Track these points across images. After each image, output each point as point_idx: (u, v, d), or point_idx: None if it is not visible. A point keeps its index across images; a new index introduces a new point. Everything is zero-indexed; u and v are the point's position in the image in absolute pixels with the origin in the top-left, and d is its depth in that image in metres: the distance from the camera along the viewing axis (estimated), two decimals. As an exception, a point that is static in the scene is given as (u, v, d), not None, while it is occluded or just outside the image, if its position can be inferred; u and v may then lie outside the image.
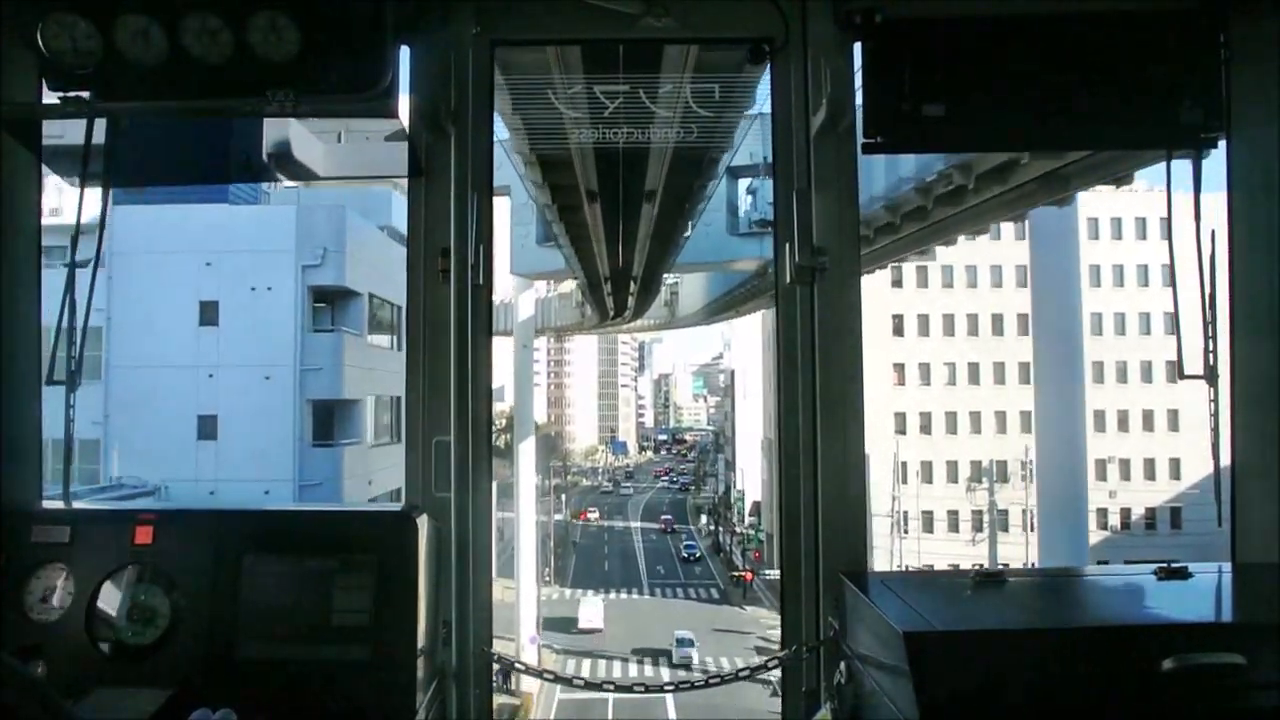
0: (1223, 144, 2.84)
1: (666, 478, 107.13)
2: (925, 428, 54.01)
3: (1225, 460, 2.85)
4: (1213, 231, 2.82)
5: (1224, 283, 2.85)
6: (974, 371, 54.69)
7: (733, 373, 74.67)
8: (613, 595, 50.23)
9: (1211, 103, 2.77)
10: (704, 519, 74.51)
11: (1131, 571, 2.65)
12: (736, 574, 53.05)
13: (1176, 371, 2.85)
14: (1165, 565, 2.52)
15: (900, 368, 53.87)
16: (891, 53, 2.80)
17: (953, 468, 53.37)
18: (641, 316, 44.16)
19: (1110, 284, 51.03)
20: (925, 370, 54.72)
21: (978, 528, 51.26)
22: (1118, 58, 2.79)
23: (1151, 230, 49.46)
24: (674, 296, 45.09)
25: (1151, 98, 2.79)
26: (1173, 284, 2.87)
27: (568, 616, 43.77)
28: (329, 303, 25.52)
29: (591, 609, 45.13)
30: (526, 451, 42.59)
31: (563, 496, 75.84)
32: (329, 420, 24.61)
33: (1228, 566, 2.79)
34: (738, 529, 60.49)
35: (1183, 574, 2.48)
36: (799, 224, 2.87)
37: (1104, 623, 2.32)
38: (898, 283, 53.07)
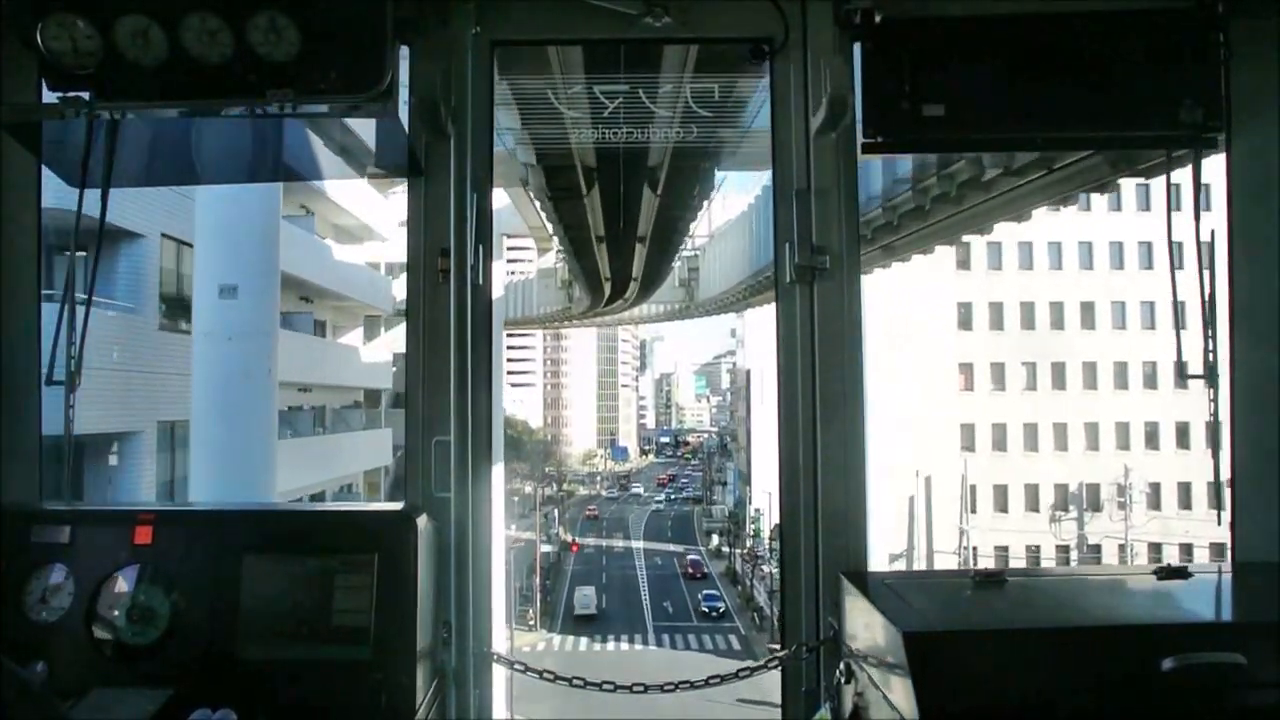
0: (1223, 144, 2.84)
1: (670, 486, 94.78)
2: (999, 443, 43.43)
3: (1225, 460, 2.86)
4: (1212, 231, 2.82)
5: (1224, 282, 2.86)
6: (1058, 373, 43.78)
7: (748, 373, 62.09)
8: (610, 645, 40.62)
9: (1211, 102, 2.76)
10: (715, 539, 61.90)
11: (1131, 571, 2.65)
12: (773, 648, 42.80)
13: (1176, 372, 2.84)
14: (1165, 565, 2.52)
15: (968, 369, 43.59)
16: (891, 52, 2.79)
17: (1033, 493, 42.84)
18: (646, 300, 36.60)
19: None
20: (999, 372, 43.85)
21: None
22: (1117, 57, 2.79)
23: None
24: (693, 275, 35.96)
25: (1151, 98, 2.79)
26: (1173, 284, 2.87)
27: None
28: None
29: (585, 596, 45.95)
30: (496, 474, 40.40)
31: (556, 511, 65.98)
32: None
33: (1227, 566, 2.79)
34: (760, 558, 47.48)
35: (1182, 574, 2.48)
36: (799, 224, 2.88)
37: (1104, 622, 2.32)
38: (964, 264, 42.68)
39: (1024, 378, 43.42)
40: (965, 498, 39.73)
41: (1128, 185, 28.19)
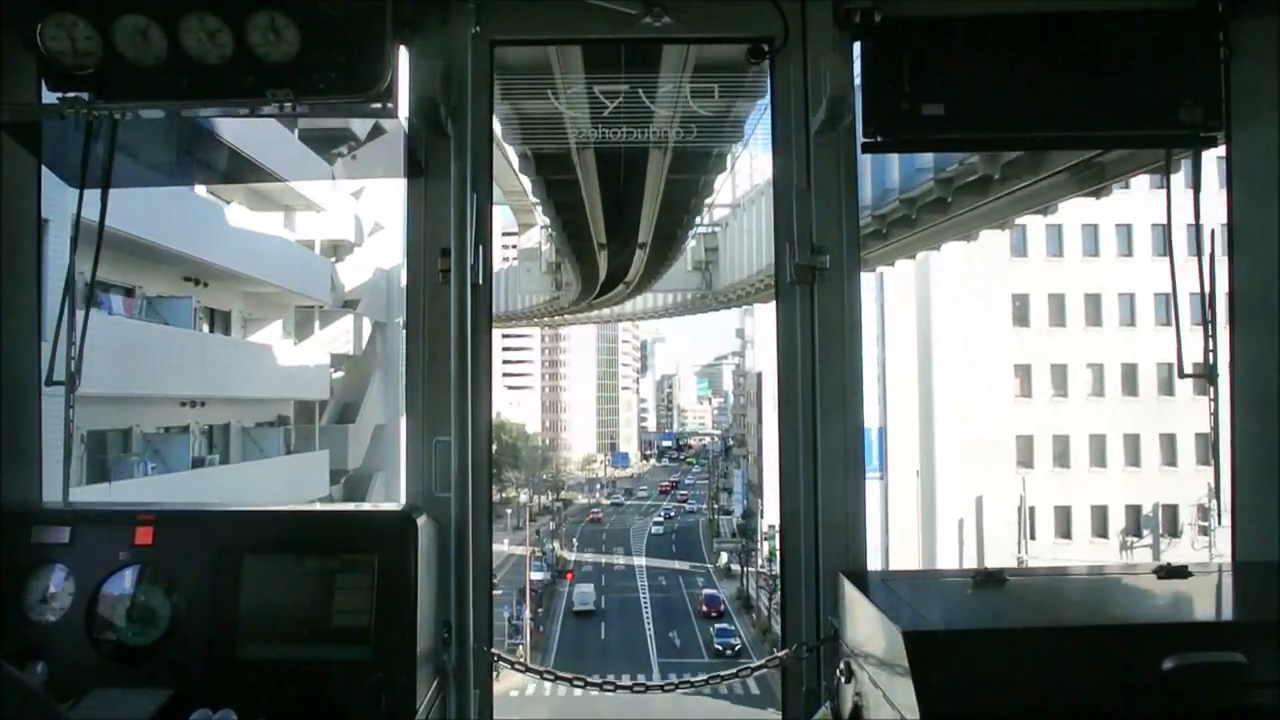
0: (1223, 143, 2.84)
1: (673, 493, 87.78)
2: (1062, 458, 36.01)
3: (1225, 459, 2.85)
4: (1212, 231, 2.82)
5: (1224, 281, 2.86)
6: (1129, 376, 35.93)
7: (759, 377, 55.59)
8: (610, 693, 34.19)
9: (1211, 101, 2.77)
10: (724, 557, 55.20)
11: (1132, 571, 2.65)
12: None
13: (1176, 371, 2.85)
14: (1165, 564, 2.52)
15: (1025, 371, 36.34)
16: (891, 52, 2.80)
17: (1100, 515, 35.62)
18: (651, 287, 30.88)
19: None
20: (1061, 375, 36.36)
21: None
22: (1117, 57, 2.80)
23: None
24: (711, 256, 27.87)
25: (1151, 97, 2.79)
26: (1172, 283, 2.87)
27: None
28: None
29: (584, 593, 45.83)
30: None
31: (552, 525, 61.36)
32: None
33: (1228, 566, 2.79)
34: (778, 579, 35.08)
35: (1183, 573, 2.48)
36: (799, 223, 2.88)
37: (1105, 622, 2.32)
38: (1020, 251, 36.01)
39: (1089, 382, 36.05)
40: (1024, 522, 33.69)
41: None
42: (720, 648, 38.89)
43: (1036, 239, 35.83)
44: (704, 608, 45.57)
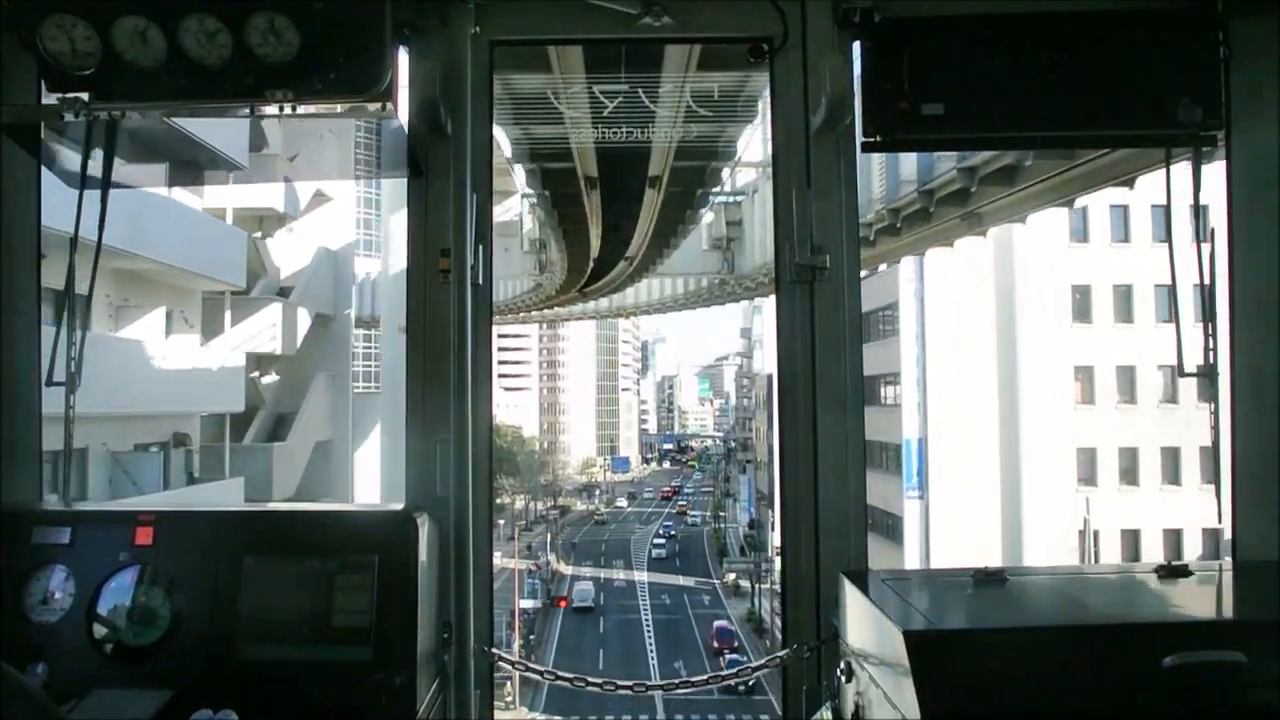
0: (1222, 143, 2.84)
1: (674, 500, 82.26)
2: (1129, 474, 30.87)
3: (1225, 459, 2.85)
4: (1212, 230, 2.82)
5: (1224, 281, 2.86)
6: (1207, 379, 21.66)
7: (769, 378, 47.68)
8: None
9: (1211, 101, 2.77)
10: (731, 576, 51.42)
11: (1132, 570, 2.65)
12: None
13: (1177, 370, 2.85)
14: (1166, 563, 2.52)
15: (1087, 374, 30.98)
16: (891, 52, 2.80)
17: (1173, 540, 29.59)
18: (655, 269, 25.53)
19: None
20: (1128, 378, 30.87)
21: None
22: (1117, 57, 2.80)
23: None
24: (734, 232, 22.38)
25: (1151, 97, 2.79)
26: (1172, 283, 2.87)
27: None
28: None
29: (583, 590, 45.47)
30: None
31: (548, 537, 57.71)
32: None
33: (1228, 565, 2.79)
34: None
35: (1183, 572, 2.48)
36: (799, 223, 2.88)
37: (1105, 621, 2.32)
38: (1081, 235, 30.88)
39: (1161, 386, 30.06)
40: (1089, 548, 28.53)
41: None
42: (734, 685, 33.63)
43: (1100, 221, 30.61)
44: (715, 643, 40.52)
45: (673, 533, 65.88)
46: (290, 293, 24.89)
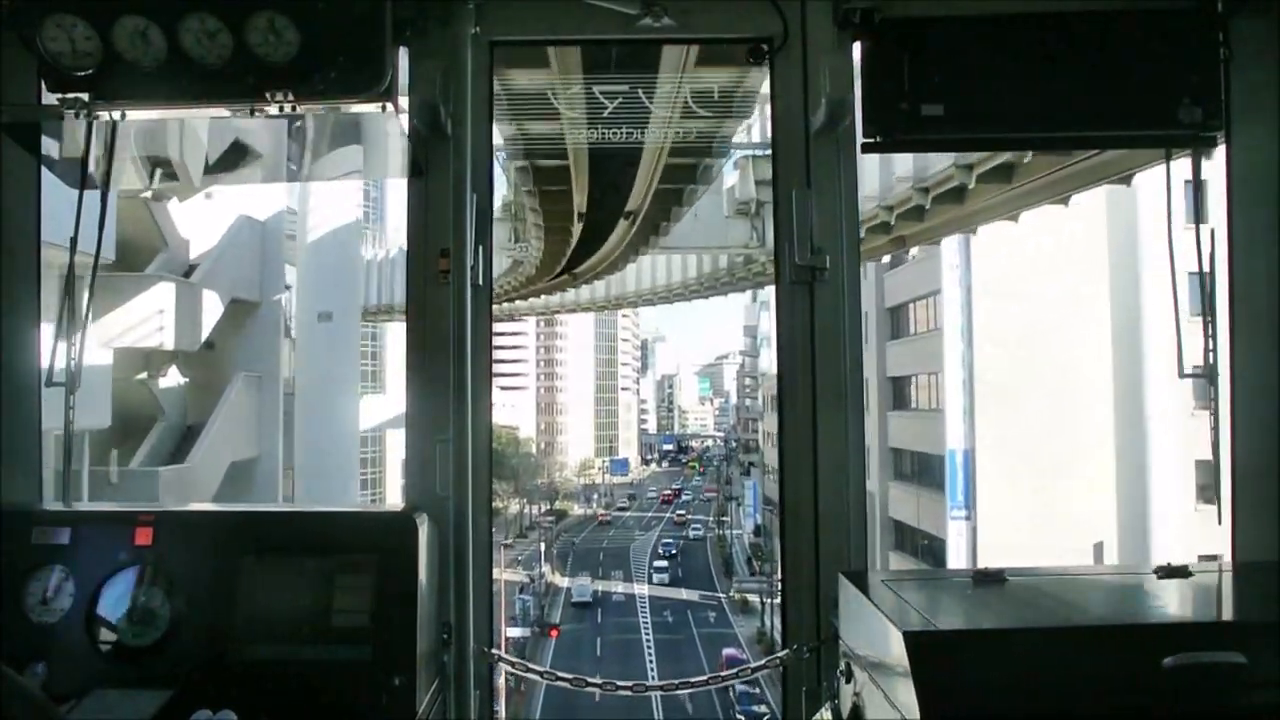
0: (1222, 143, 2.84)
1: (676, 504, 77.64)
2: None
3: (1225, 459, 2.85)
4: (1212, 231, 2.82)
5: (1223, 282, 2.86)
6: None
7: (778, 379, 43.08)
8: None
9: (1211, 102, 2.77)
10: (733, 591, 48.48)
11: (1132, 571, 2.64)
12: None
13: (1176, 370, 2.85)
14: (1165, 564, 2.52)
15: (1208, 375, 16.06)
16: (891, 52, 2.80)
17: None
18: (662, 242, 20.14)
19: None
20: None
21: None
22: (1117, 57, 2.80)
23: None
24: (764, 192, 16.77)
25: (1151, 97, 2.79)
26: (1173, 283, 2.87)
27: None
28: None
29: (582, 586, 45.54)
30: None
31: (542, 545, 55.30)
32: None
33: (1228, 565, 2.79)
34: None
35: (1183, 573, 2.48)
36: (798, 224, 2.88)
37: (1105, 621, 2.32)
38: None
39: None
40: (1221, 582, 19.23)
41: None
42: (744, 718, 30.90)
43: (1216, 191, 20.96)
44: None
45: (673, 552, 59.81)
46: (192, 273, 19.83)
